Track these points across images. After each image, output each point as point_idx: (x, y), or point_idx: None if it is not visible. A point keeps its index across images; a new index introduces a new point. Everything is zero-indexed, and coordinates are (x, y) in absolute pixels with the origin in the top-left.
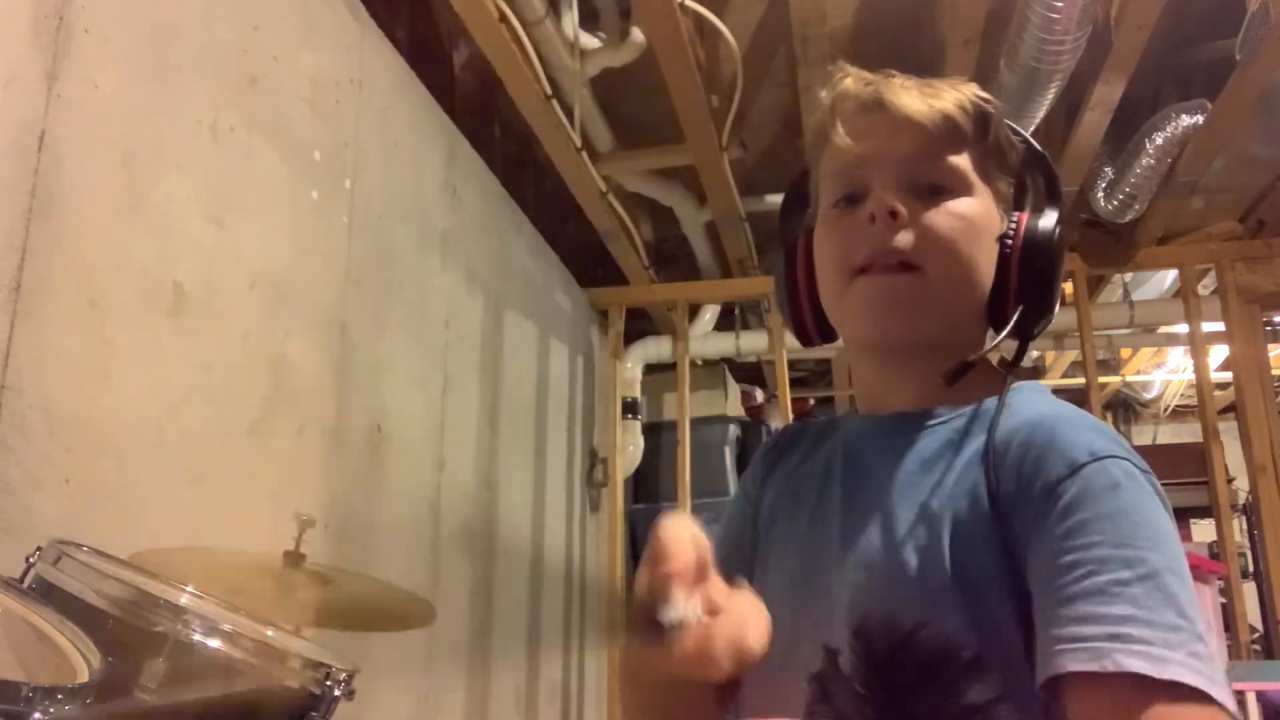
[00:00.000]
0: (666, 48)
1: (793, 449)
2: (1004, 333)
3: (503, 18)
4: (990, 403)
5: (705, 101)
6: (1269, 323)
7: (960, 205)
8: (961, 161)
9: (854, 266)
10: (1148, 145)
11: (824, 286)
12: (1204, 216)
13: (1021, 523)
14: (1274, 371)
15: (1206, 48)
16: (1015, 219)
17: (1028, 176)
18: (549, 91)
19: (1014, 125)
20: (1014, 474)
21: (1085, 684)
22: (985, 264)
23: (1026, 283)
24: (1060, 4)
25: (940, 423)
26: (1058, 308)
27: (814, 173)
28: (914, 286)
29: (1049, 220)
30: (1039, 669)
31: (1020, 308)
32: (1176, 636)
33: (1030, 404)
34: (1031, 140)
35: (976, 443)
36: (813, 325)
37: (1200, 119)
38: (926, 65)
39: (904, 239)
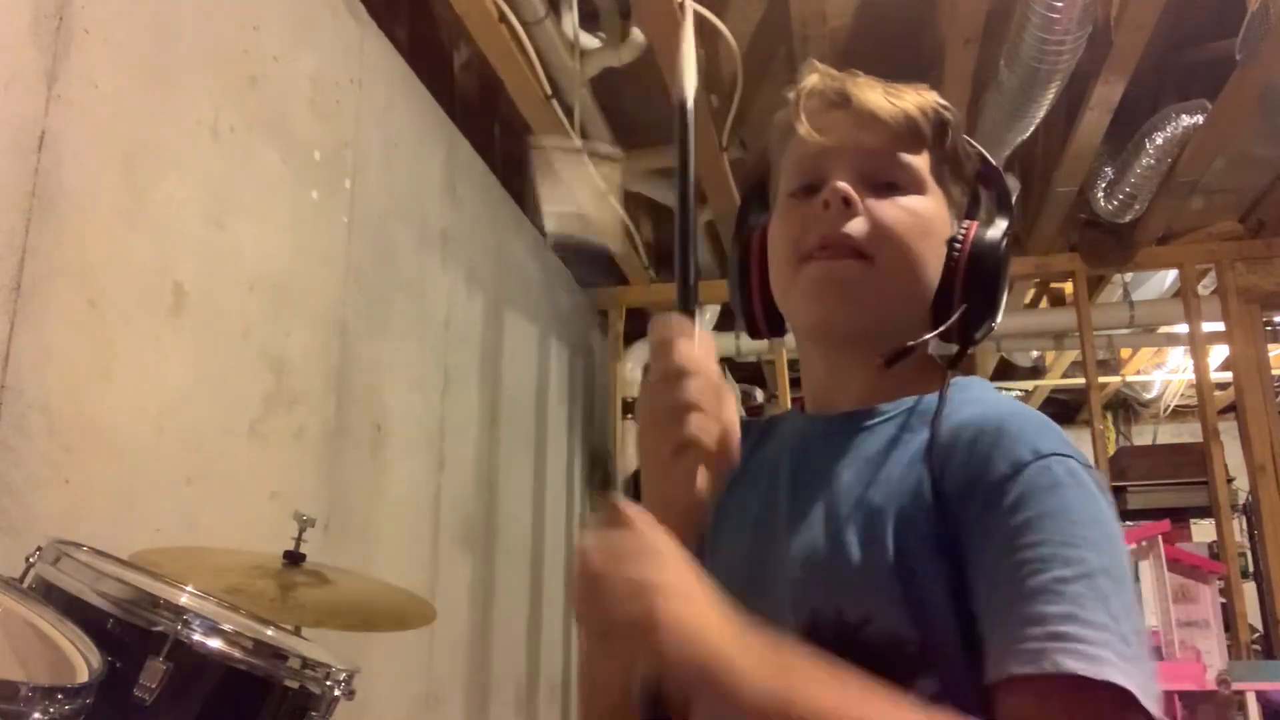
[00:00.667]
0: (666, 48)
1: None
2: (944, 325)
3: (503, 18)
4: (931, 399)
5: (705, 101)
6: (1269, 323)
7: (914, 202)
8: (918, 162)
9: (805, 252)
10: (1148, 145)
11: (775, 273)
12: (1204, 216)
13: (964, 520)
14: (1274, 371)
15: (1206, 48)
16: (966, 225)
17: (981, 188)
18: (549, 91)
19: (970, 139)
20: (959, 471)
21: (1024, 685)
22: (933, 262)
23: (971, 286)
24: (1060, 4)
25: (883, 420)
26: (1000, 316)
27: (774, 168)
28: (862, 273)
29: (997, 231)
30: (986, 672)
31: (964, 308)
32: (1105, 635)
33: (974, 401)
34: (986, 154)
35: (919, 438)
36: (761, 316)
37: (1200, 119)
38: (927, 65)
39: (856, 227)
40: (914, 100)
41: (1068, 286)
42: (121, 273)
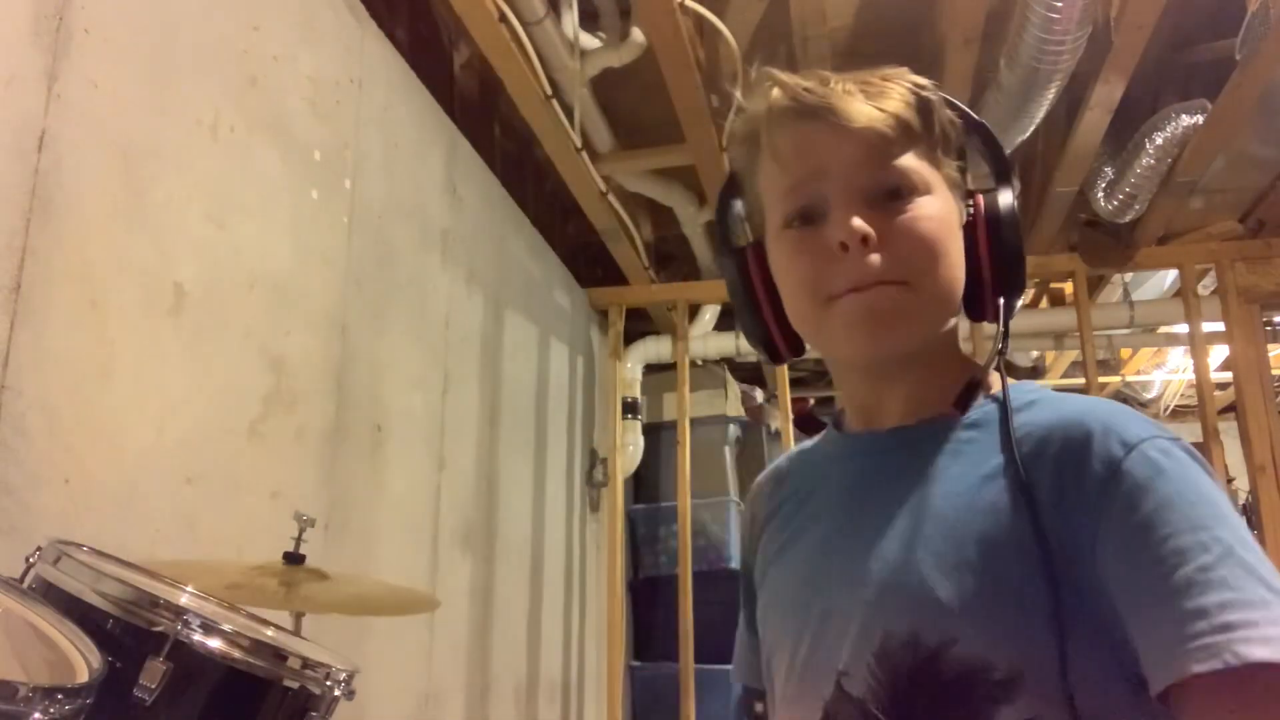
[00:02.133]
0: (666, 48)
1: (780, 488)
2: (1000, 333)
3: (503, 18)
4: (988, 407)
5: (705, 101)
6: (1269, 323)
7: (925, 207)
8: (915, 159)
9: (832, 294)
10: (1148, 145)
11: (794, 309)
12: (1204, 216)
13: (1074, 535)
14: (1274, 371)
15: (1206, 48)
16: (971, 202)
17: (968, 149)
18: (549, 91)
19: (949, 98)
20: (1051, 485)
21: (1211, 683)
22: (959, 258)
23: (998, 265)
24: (1060, 4)
25: (944, 431)
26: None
27: (747, 180)
28: (901, 299)
29: (1006, 196)
30: (1154, 679)
31: (1000, 296)
32: (1272, 611)
33: (1039, 404)
34: (968, 110)
35: (989, 449)
36: (783, 344)
37: (1200, 119)
38: (927, 65)
39: (881, 260)
40: (896, 94)
41: (1068, 286)
42: (121, 273)
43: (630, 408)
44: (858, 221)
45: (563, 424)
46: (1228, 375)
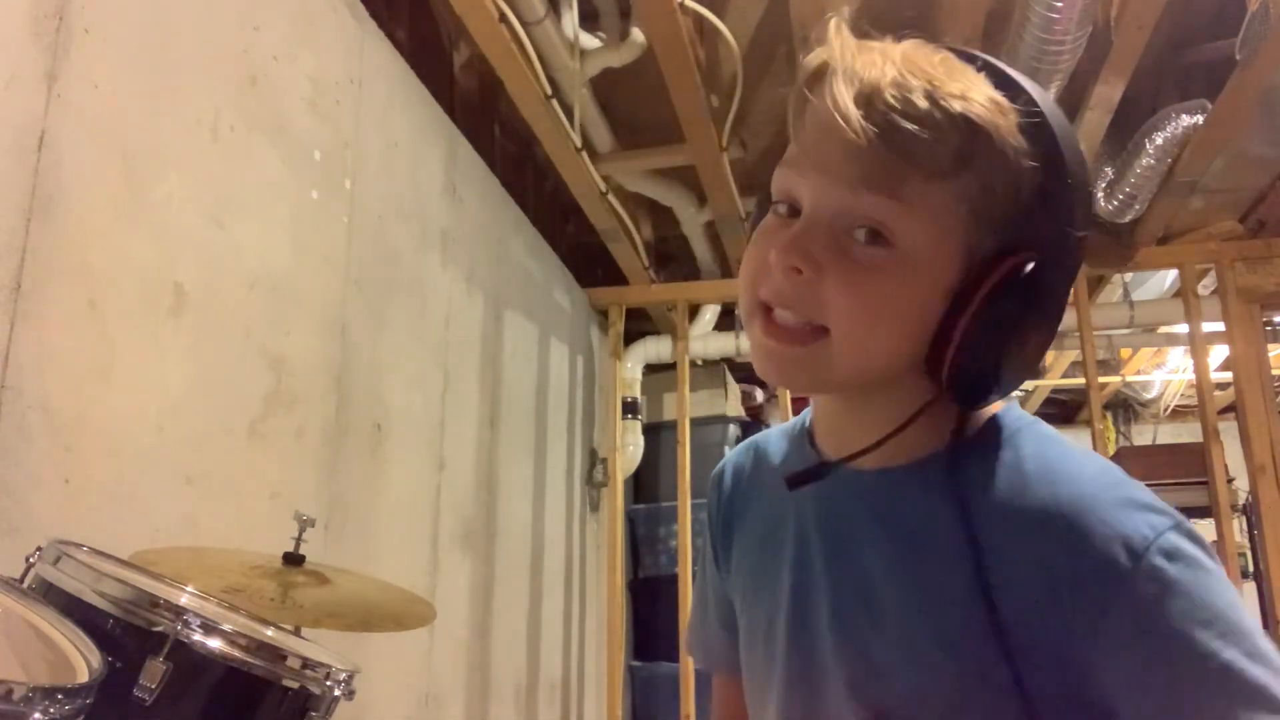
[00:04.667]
0: (666, 48)
1: (751, 492)
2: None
3: (503, 18)
4: (977, 468)
5: (705, 101)
6: (1269, 323)
7: (894, 269)
8: (916, 202)
9: (757, 300)
10: (1148, 145)
11: (740, 298)
12: (1204, 216)
13: (1052, 635)
14: (1274, 371)
15: (1206, 48)
16: (987, 274)
17: (1033, 205)
18: (549, 91)
19: (1047, 127)
20: (1029, 576)
21: None
22: (913, 332)
23: (970, 361)
24: (1060, 4)
25: (911, 481)
26: (1015, 381)
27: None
28: (810, 354)
29: (1028, 285)
30: None
31: (956, 384)
32: None
33: (1017, 467)
34: (1065, 149)
35: (956, 514)
36: None
37: (1200, 119)
38: None
39: (809, 293)
40: (926, 123)
41: None
42: (121, 273)
43: (630, 408)
44: (793, 250)
45: (563, 424)
46: (1228, 375)
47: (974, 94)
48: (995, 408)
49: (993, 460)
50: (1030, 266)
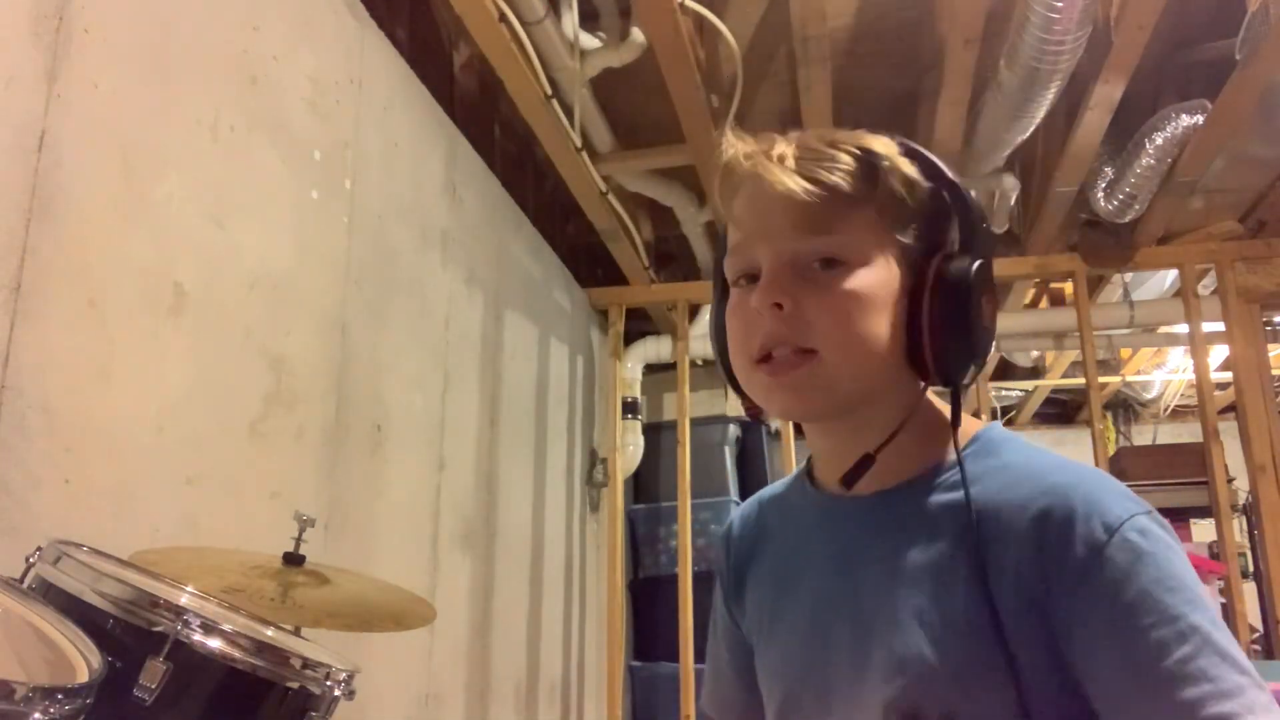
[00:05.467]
0: (666, 48)
1: (760, 539)
2: (952, 403)
3: (503, 18)
4: (963, 463)
5: (705, 101)
6: (1269, 323)
7: (854, 278)
8: (850, 227)
9: (753, 356)
10: (1148, 145)
11: (734, 366)
12: (1204, 216)
13: (1058, 614)
14: (1274, 371)
15: (1206, 48)
16: (922, 266)
17: (941, 209)
18: (549, 91)
19: (923, 153)
20: (1028, 565)
21: None
22: (885, 330)
23: (939, 336)
24: (1060, 4)
25: (921, 499)
26: (985, 351)
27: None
28: (808, 375)
29: (961, 264)
30: None
31: (943, 366)
32: (1248, 698)
33: (1008, 472)
34: (942, 168)
35: (958, 522)
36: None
37: (1200, 119)
38: (927, 65)
39: (795, 326)
40: (837, 162)
41: (1068, 286)
42: (121, 273)
43: (630, 408)
44: (772, 287)
45: (563, 424)
46: (1228, 375)
47: (859, 135)
48: (978, 425)
49: (982, 466)
50: (958, 254)
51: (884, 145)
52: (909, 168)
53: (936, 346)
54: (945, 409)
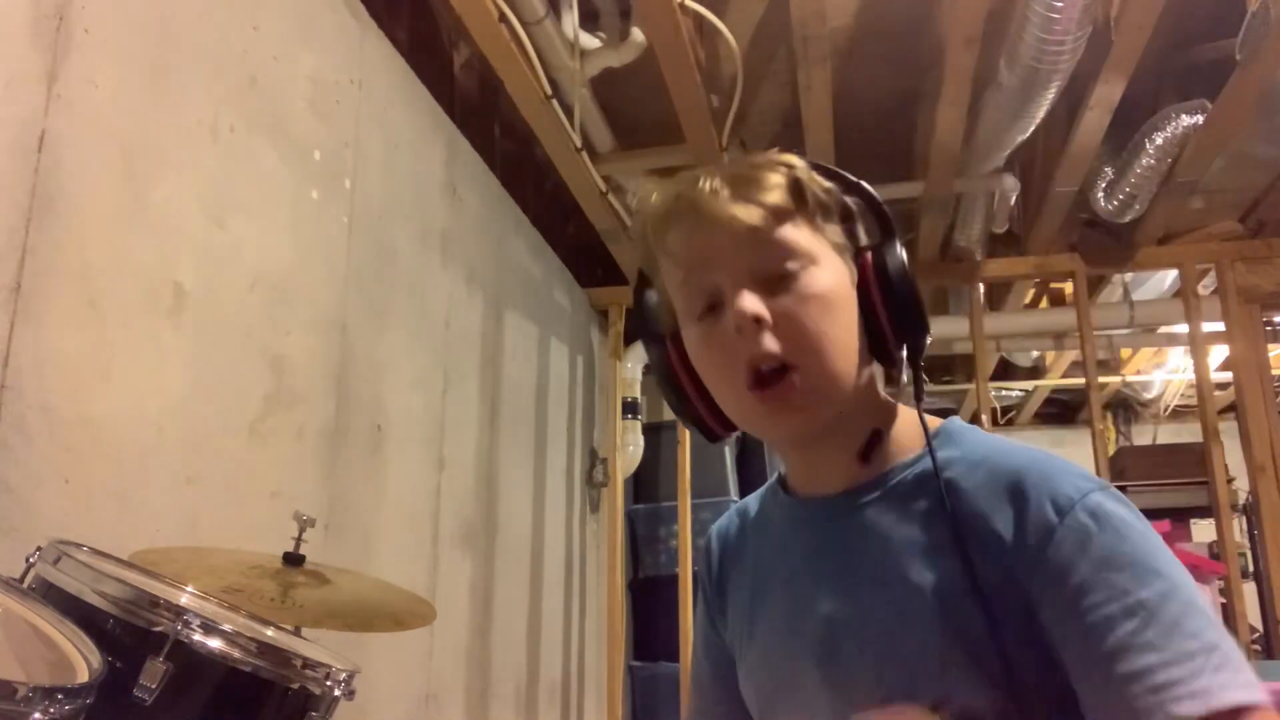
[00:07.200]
0: (666, 48)
1: (738, 550)
2: (915, 377)
3: (503, 18)
4: (923, 460)
5: (705, 101)
6: (1269, 323)
7: (812, 283)
8: (795, 236)
9: (742, 384)
10: (1148, 145)
11: (717, 398)
12: (1204, 216)
13: (1027, 591)
14: (1274, 371)
15: (1206, 48)
16: (860, 260)
17: (849, 204)
18: (549, 91)
19: (824, 165)
20: (991, 542)
21: None
22: (850, 325)
23: (894, 316)
24: (1060, 4)
25: (885, 492)
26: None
27: (654, 275)
28: (802, 388)
29: (890, 248)
30: None
31: (901, 344)
32: (1198, 662)
33: (969, 458)
34: (842, 173)
35: (931, 509)
36: (713, 422)
37: (1200, 119)
38: (927, 65)
39: (773, 342)
40: (767, 180)
41: (1068, 286)
42: (121, 273)
43: (630, 408)
44: (748, 303)
45: (563, 424)
46: (1228, 375)
47: (771, 154)
48: (937, 421)
49: (949, 453)
50: (882, 242)
51: (794, 159)
52: (819, 175)
53: (893, 328)
54: (901, 407)
